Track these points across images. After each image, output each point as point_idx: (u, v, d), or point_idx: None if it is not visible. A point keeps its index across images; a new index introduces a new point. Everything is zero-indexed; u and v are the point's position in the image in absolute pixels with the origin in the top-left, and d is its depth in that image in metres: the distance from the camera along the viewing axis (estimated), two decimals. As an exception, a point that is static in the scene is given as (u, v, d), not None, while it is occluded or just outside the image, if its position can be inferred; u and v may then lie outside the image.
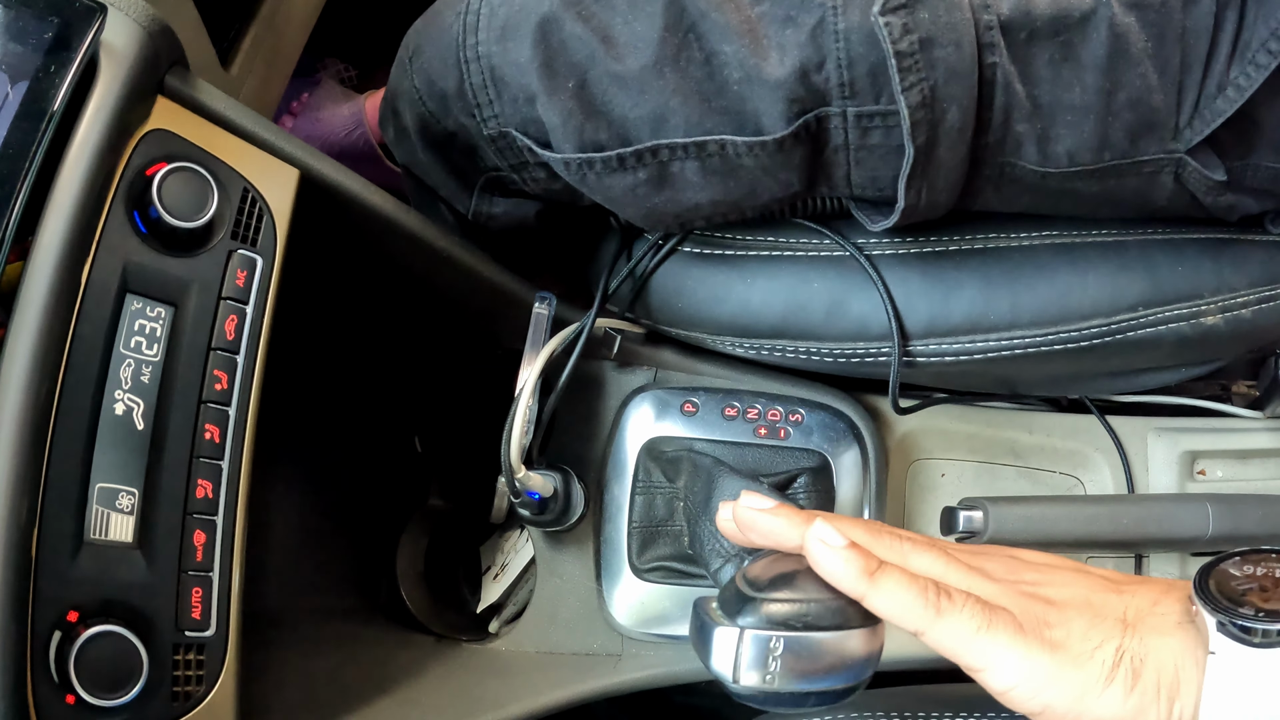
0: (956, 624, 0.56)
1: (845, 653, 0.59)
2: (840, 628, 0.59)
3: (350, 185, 0.77)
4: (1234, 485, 1.06)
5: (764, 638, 0.58)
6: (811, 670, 0.58)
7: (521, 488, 0.85)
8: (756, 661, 0.58)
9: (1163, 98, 0.75)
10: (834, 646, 0.59)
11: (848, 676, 0.59)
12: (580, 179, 0.77)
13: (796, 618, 0.59)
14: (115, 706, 0.61)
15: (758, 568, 0.63)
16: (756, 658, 0.58)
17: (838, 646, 0.59)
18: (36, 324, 0.59)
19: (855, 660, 0.59)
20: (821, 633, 0.59)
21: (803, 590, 0.60)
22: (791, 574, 0.62)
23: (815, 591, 0.60)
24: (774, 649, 0.58)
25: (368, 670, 0.87)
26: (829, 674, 0.59)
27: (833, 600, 0.60)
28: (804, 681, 0.58)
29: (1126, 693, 0.54)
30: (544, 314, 0.87)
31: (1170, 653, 0.55)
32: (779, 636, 0.58)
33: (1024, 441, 1.04)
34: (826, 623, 0.59)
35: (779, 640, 0.58)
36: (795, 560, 0.63)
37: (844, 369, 0.89)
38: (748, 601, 0.60)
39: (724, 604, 0.61)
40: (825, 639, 0.59)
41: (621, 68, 0.73)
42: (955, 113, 0.72)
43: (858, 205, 0.83)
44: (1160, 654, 0.55)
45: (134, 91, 0.65)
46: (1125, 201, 0.82)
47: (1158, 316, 0.85)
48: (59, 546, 0.60)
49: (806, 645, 0.58)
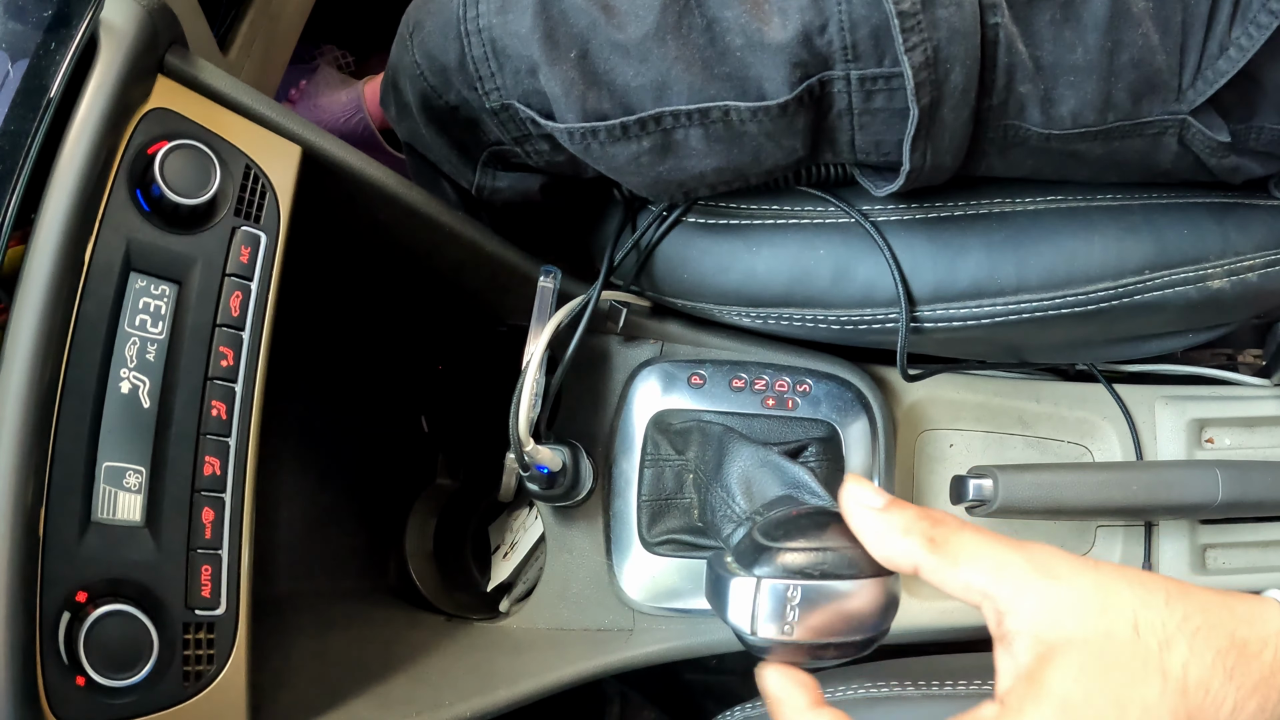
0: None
1: (864, 601, 0.58)
2: (858, 576, 0.58)
3: (352, 161, 0.77)
4: (1242, 453, 1.05)
5: (781, 586, 0.58)
6: (830, 620, 0.58)
7: (530, 462, 0.85)
8: (774, 612, 0.57)
9: (1165, 58, 0.75)
10: (852, 595, 0.58)
11: (867, 627, 0.59)
12: (584, 149, 0.77)
13: (814, 566, 0.58)
14: (126, 686, 0.61)
15: (774, 520, 0.63)
16: (774, 608, 0.57)
17: (856, 595, 0.58)
18: (40, 304, 0.58)
19: (874, 610, 0.59)
20: (840, 581, 0.58)
21: (819, 539, 0.59)
22: (808, 524, 0.61)
23: (832, 540, 0.59)
24: (791, 598, 0.57)
25: (378, 650, 0.87)
26: (848, 624, 0.58)
27: (850, 549, 0.59)
28: (823, 632, 0.58)
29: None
30: (549, 288, 0.87)
31: None
32: (796, 585, 0.57)
33: (1032, 410, 1.04)
34: (844, 571, 0.58)
35: (796, 589, 0.57)
36: (810, 513, 0.63)
37: (851, 337, 0.89)
38: (764, 551, 0.59)
39: (739, 556, 0.61)
40: (844, 587, 0.58)
41: (623, 36, 0.73)
42: (959, 73, 0.72)
43: (862, 171, 0.83)
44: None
45: (134, 70, 0.64)
46: (1129, 164, 0.82)
47: (1164, 280, 0.84)
48: (66, 527, 0.60)
49: (825, 594, 0.58)
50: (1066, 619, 0.54)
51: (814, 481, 0.77)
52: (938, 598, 0.98)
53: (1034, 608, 0.55)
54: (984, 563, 0.56)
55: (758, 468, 0.82)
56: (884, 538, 0.59)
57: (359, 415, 1.07)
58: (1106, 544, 1.03)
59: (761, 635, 0.58)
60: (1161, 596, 0.54)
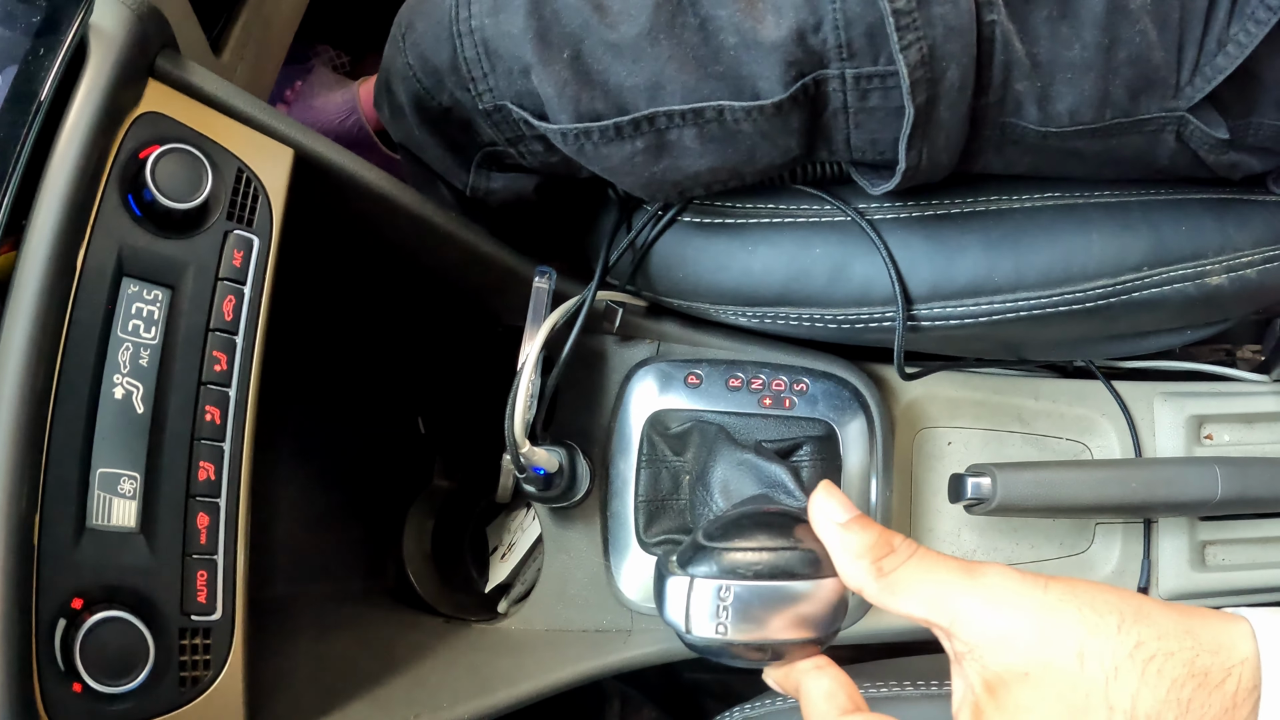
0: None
1: (801, 603, 0.58)
2: (795, 578, 0.59)
3: (345, 163, 0.77)
4: (1241, 449, 1.05)
5: (714, 586, 0.58)
6: (766, 620, 0.58)
7: (526, 463, 0.84)
8: (708, 611, 0.58)
9: (1163, 54, 0.75)
10: (787, 596, 0.58)
11: (809, 627, 0.59)
12: (578, 150, 0.77)
13: (748, 566, 0.58)
14: (122, 693, 0.61)
15: (720, 520, 0.63)
16: (707, 607, 0.58)
17: (792, 596, 0.58)
18: (32, 311, 0.58)
19: (816, 611, 0.59)
20: (775, 582, 0.58)
21: (758, 540, 0.60)
22: (749, 525, 0.61)
23: (771, 541, 0.59)
24: (724, 598, 0.58)
25: (376, 652, 0.87)
26: (786, 624, 0.58)
27: (790, 550, 0.59)
28: (758, 632, 0.58)
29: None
30: (544, 288, 0.87)
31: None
32: (728, 585, 0.58)
33: (1030, 408, 1.04)
34: (781, 572, 0.58)
35: (728, 589, 0.58)
36: (751, 513, 0.63)
37: (848, 335, 0.88)
38: (701, 550, 0.60)
39: (681, 554, 0.61)
40: (778, 588, 0.58)
41: (616, 36, 0.72)
42: (955, 71, 0.71)
43: (858, 169, 0.83)
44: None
45: (124, 74, 0.64)
46: (1127, 161, 0.82)
47: (1163, 276, 0.84)
48: (61, 533, 0.60)
49: (758, 594, 0.58)
50: (1009, 650, 0.54)
51: (791, 481, 0.77)
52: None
53: (977, 638, 0.55)
54: (923, 593, 0.57)
55: (735, 467, 0.83)
56: (839, 556, 0.59)
57: (355, 418, 1.06)
58: (1105, 541, 1.03)
59: (696, 633, 0.58)
60: (1114, 621, 0.53)
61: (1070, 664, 0.53)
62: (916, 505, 1.01)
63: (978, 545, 1.02)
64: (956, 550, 1.02)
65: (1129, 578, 1.03)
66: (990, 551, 1.02)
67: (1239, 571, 1.04)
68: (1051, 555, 1.03)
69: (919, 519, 1.01)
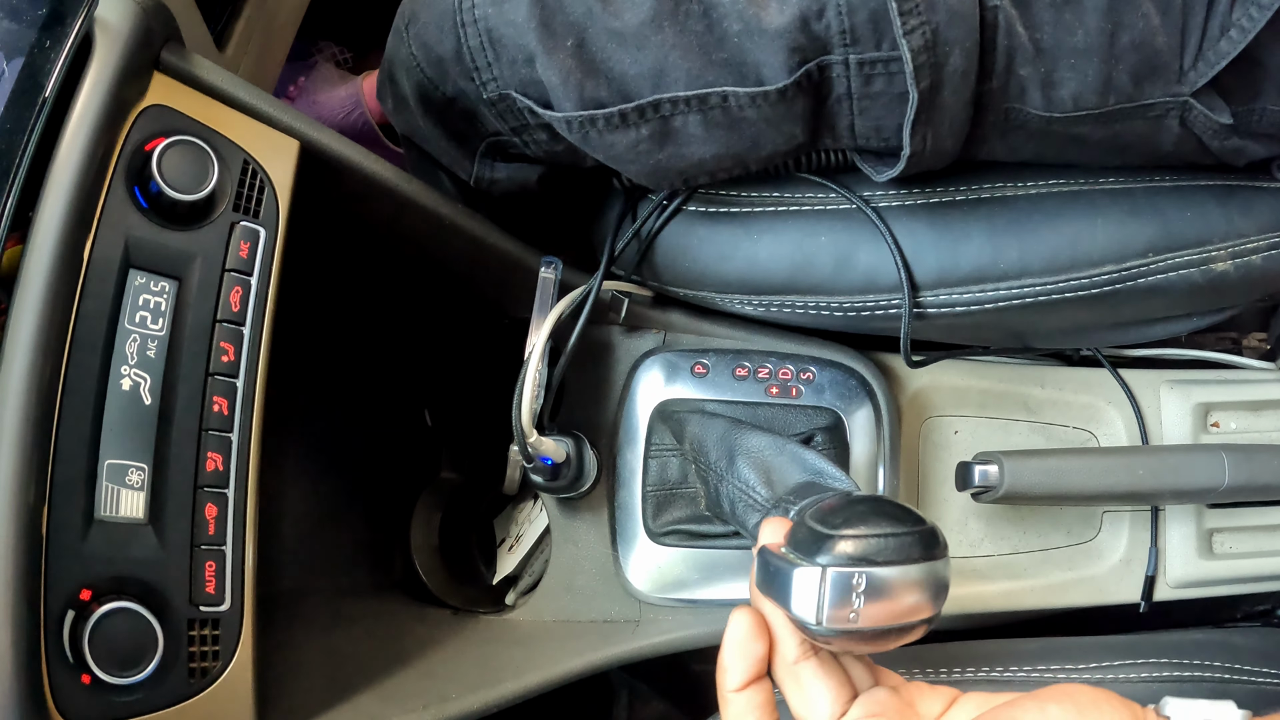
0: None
1: (924, 586, 0.58)
2: (919, 560, 0.58)
3: (350, 155, 0.77)
4: (1248, 437, 1.05)
5: (847, 574, 0.56)
6: (894, 606, 0.57)
7: (534, 453, 0.84)
8: (840, 600, 0.57)
9: (1166, 39, 0.75)
10: (914, 580, 0.57)
11: (926, 612, 0.58)
12: (582, 138, 0.77)
13: (877, 553, 0.58)
14: (131, 684, 0.61)
15: (826, 508, 0.62)
16: (840, 597, 0.57)
17: (918, 580, 0.58)
18: (39, 303, 0.58)
19: (933, 594, 0.58)
20: (903, 566, 0.58)
21: (878, 525, 0.59)
22: (864, 510, 0.60)
23: (890, 526, 0.59)
24: (857, 585, 0.57)
25: (385, 644, 0.87)
26: (910, 609, 0.58)
27: (909, 534, 0.58)
28: (887, 618, 0.57)
29: None
30: (550, 278, 0.87)
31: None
32: (861, 573, 0.57)
33: (1036, 396, 1.04)
34: (904, 557, 0.58)
35: (861, 576, 0.57)
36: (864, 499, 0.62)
37: (854, 324, 0.88)
38: (825, 539, 0.58)
39: (798, 545, 0.60)
40: (907, 573, 0.57)
41: (620, 24, 0.72)
42: (958, 56, 0.71)
43: (862, 156, 0.83)
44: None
45: (130, 67, 0.64)
46: (1131, 147, 0.82)
47: (1168, 263, 0.84)
48: (69, 525, 0.60)
49: (890, 580, 0.57)
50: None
51: (832, 466, 0.77)
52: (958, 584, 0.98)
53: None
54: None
55: (776, 455, 0.82)
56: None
57: (362, 410, 1.06)
58: (1113, 530, 1.03)
59: (829, 625, 0.57)
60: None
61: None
62: (923, 494, 1.01)
63: (985, 534, 1.02)
64: (963, 539, 1.02)
65: (1136, 565, 1.03)
66: (997, 540, 1.02)
67: (1246, 559, 1.04)
68: (1059, 543, 1.03)
69: (926, 508, 1.01)
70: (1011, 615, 1.01)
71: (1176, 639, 0.95)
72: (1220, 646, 0.91)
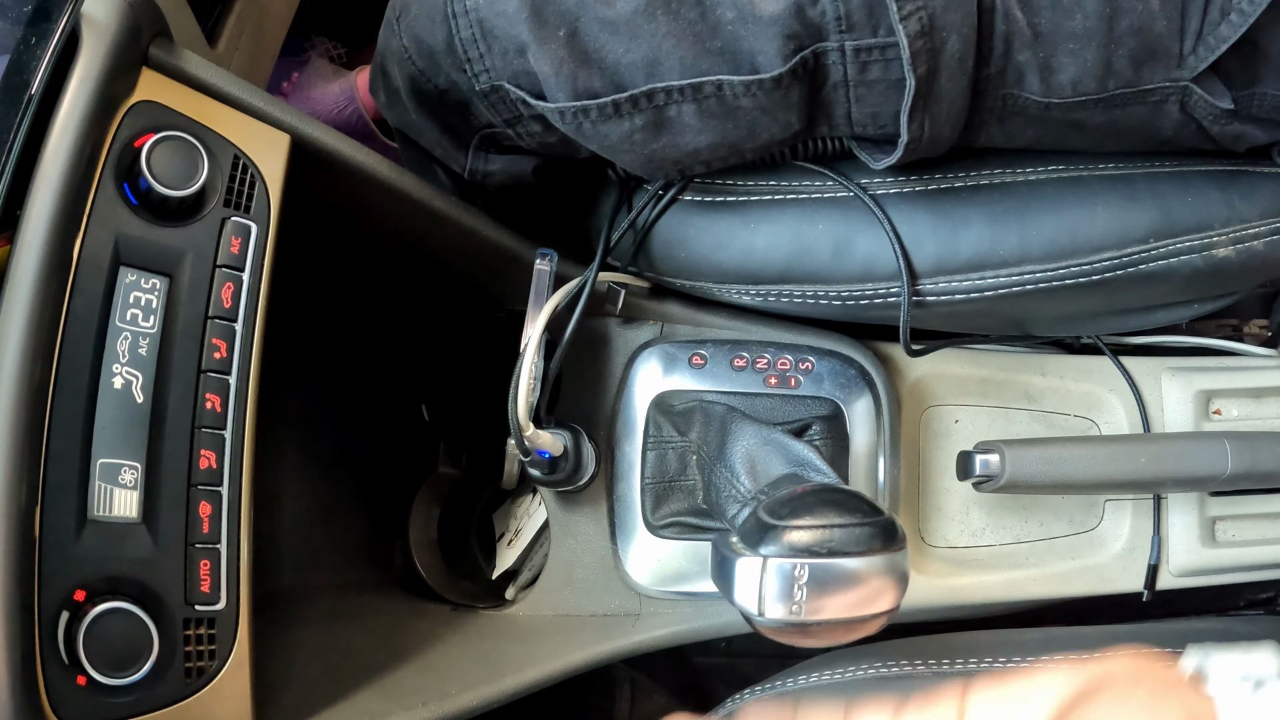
0: None
1: (872, 579, 0.57)
2: (867, 553, 0.57)
3: (342, 148, 0.76)
4: (1250, 424, 1.05)
5: (788, 565, 0.57)
6: (839, 599, 0.57)
7: (531, 446, 0.84)
8: (782, 592, 0.57)
9: (1165, 24, 0.75)
10: (861, 573, 0.57)
11: (876, 605, 0.58)
12: (576, 128, 0.76)
13: (820, 544, 0.57)
14: (127, 684, 0.61)
15: (779, 498, 0.62)
16: (782, 588, 0.57)
17: (865, 572, 0.57)
18: (29, 302, 0.58)
19: (883, 587, 0.58)
20: (848, 559, 0.57)
21: (826, 516, 0.58)
22: (814, 501, 0.60)
23: (839, 517, 0.58)
24: (799, 577, 0.56)
25: (384, 641, 0.87)
26: (857, 602, 0.57)
27: (857, 526, 0.58)
28: (832, 611, 0.57)
29: None
30: (546, 270, 0.86)
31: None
32: (803, 564, 0.56)
33: (1037, 384, 1.03)
34: (852, 548, 0.57)
35: (804, 568, 0.56)
36: (815, 490, 0.62)
37: (852, 312, 0.88)
38: (769, 530, 0.58)
39: (745, 535, 0.60)
40: (852, 565, 0.57)
41: (612, 13, 0.72)
42: (955, 41, 0.71)
43: (859, 144, 0.82)
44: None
45: (117, 63, 0.64)
46: (1131, 132, 0.81)
47: (1169, 248, 0.84)
48: (63, 525, 0.60)
49: (833, 572, 0.57)
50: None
51: (819, 459, 0.76)
52: (947, 575, 0.97)
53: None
54: None
55: (761, 446, 0.81)
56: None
57: (359, 406, 1.06)
58: (1115, 518, 1.03)
59: (769, 616, 0.57)
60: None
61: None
62: (924, 484, 1.01)
63: (986, 524, 1.01)
64: (965, 529, 1.01)
65: (1139, 554, 1.02)
66: (999, 529, 1.01)
67: (1249, 547, 1.04)
68: (1061, 533, 1.02)
69: (927, 498, 1.01)
70: (1014, 605, 1.01)
71: (1180, 627, 0.95)
72: (1224, 634, 0.91)
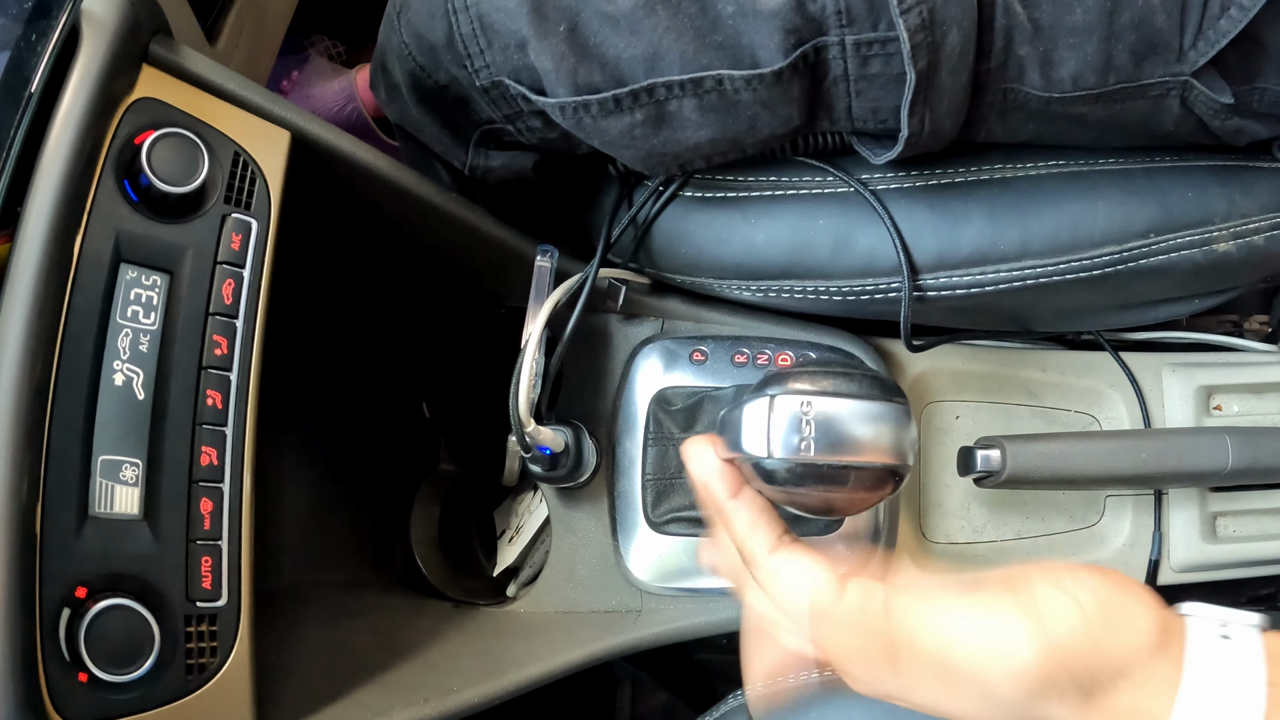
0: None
1: (881, 420, 0.57)
2: (869, 398, 0.57)
3: (342, 145, 0.77)
4: (1251, 420, 1.05)
5: (795, 400, 0.57)
6: (849, 437, 0.57)
7: (532, 443, 0.84)
8: (790, 427, 0.56)
9: (1166, 18, 0.75)
10: (868, 411, 0.57)
11: (888, 451, 0.57)
12: (576, 123, 0.76)
13: (828, 384, 0.57)
14: (129, 681, 0.61)
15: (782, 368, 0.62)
16: (790, 424, 0.56)
17: (872, 412, 0.57)
18: (29, 299, 0.58)
19: (892, 431, 0.58)
20: (855, 400, 0.57)
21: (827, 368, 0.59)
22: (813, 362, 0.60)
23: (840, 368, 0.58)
24: (806, 412, 0.56)
25: (385, 638, 0.87)
26: (868, 444, 0.57)
27: (863, 375, 0.58)
28: (842, 449, 0.57)
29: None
30: (546, 267, 0.86)
31: None
32: (809, 399, 0.57)
33: (1038, 380, 1.04)
34: (859, 392, 0.57)
35: (809, 403, 0.56)
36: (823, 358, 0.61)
37: (853, 308, 0.88)
38: (773, 379, 0.58)
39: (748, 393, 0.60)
40: (857, 405, 0.57)
41: (613, 8, 0.72)
42: (956, 35, 0.71)
43: (860, 139, 0.82)
44: None
45: (117, 60, 0.64)
46: (1131, 127, 0.81)
47: (1170, 243, 0.84)
48: (64, 522, 0.60)
49: (839, 409, 0.57)
50: None
51: None
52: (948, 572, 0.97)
53: None
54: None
55: None
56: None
57: (359, 404, 1.06)
58: (1116, 514, 1.03)
59: (780, 455, 0.57)
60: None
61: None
62: (925, 480, 1.01)
63: (987, 519, 1.02)
64: (966, 525, 1.01)
65: (1140, 550, 1.02)
66: (1000, 525, 1.01)
67: (1250, 543, 1.04)
68: (1062, 528, 1.02)
69: (928, 494, 1.01)
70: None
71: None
72: (1225, 630, 0.91)
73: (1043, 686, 0.50)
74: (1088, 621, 0.50)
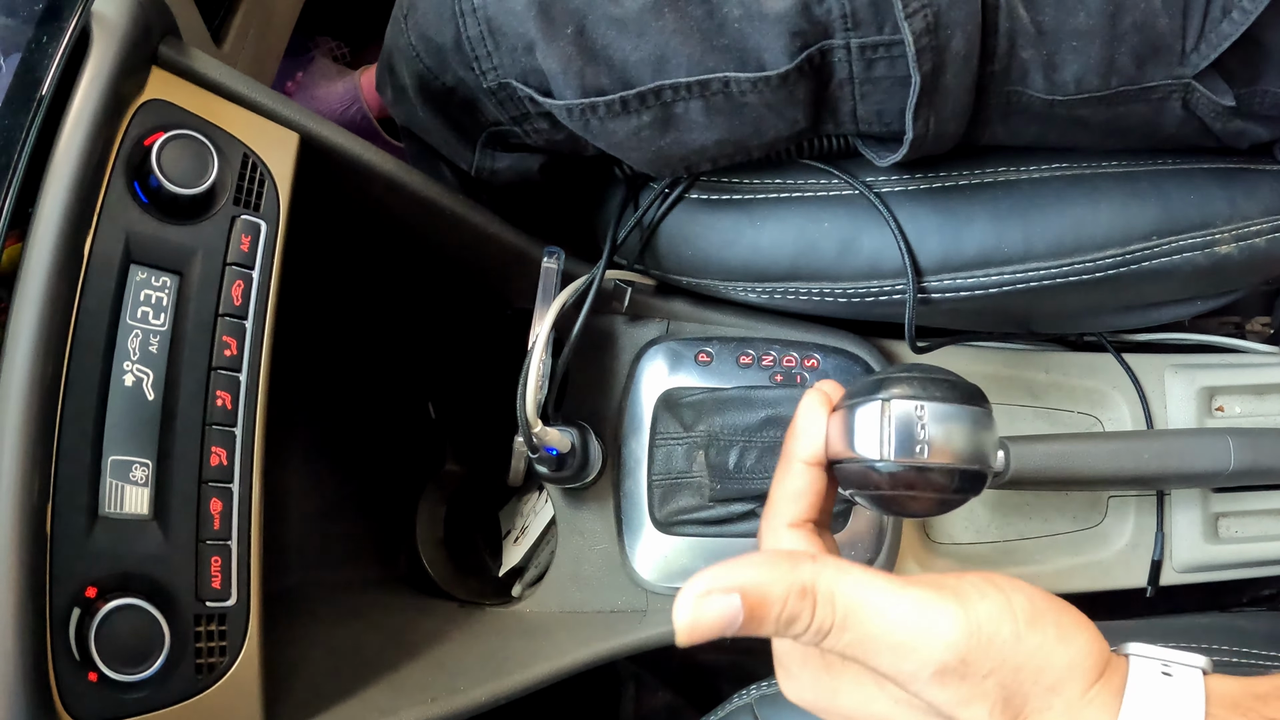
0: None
1: (983, 426, 0.58)
2: (970, 403, 0.58)
3: (350, 147, 0.77)
4: (1253, 421, 1.05)
5: (909, 405, 0.57)
6: (958, 441, 0.57)
7: (538, 444, 0.84)
8: (905, 432, 0.57)
9: (1168, 21, 0.75)
10: (973, 415, 0.58)
11: (986, 455, 0.58)
12: (583, 125, 0.77)
13: (938, 387, 0.58)
14: (139, 681, 0.61)
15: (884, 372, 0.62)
16: (904, 428, 0.57)
17: (976, 416, 0.58)
18: (40, 301, 0.58)
19: (991, 437, 0.59)
20: (964, 404, 0.58)
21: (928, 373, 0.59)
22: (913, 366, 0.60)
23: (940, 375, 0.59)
24: (920, 417, 0.57)
25: (392, 638, 0.87)
26: (972, 447, 0.58)
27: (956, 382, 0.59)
28: (952, 455, 0.57)
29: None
30: (553, 268, 0.86)
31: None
32: (922, 404, 0.57)
33: (1041, 381, 1.04)
34: (966, 396, 0.58)
35: (923, 408, 0.57)
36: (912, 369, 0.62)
37: (858, 310, 0.88)
38: (882, 383, 0.59)
39: (855, 395, 0.60)
40: (968, 408, 0.58)
41: (620, 10, 0.72)
42: (960, 38, 0.71)
43: (865, 142, 0.82)
44: None
45: (128, 62, 0.64)
46: (1134, 130, 0.81)
47: (1172, 245, 0.84)
48: (74, 522, 0.60)
49: (953, 414, 0.57)
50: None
51: None
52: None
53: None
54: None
55: None
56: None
57: (366, 404, 1.06)
58: (1118, 515, 1.03)
59: (896, 458, 0.57)
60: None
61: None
62: (929, 481, 1.01)
63: (990, 520, 1.02)
64: (969, 526, 1.02)
65: (1143, 550, 1.03)
66: (1003, 526, 1.02)
67: (1252, 543, 1.04)
68: (1064, 529, 1.02)
69: (931, 494, 1.01)
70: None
71: (1184, 623, 0.95)
72: (1228, 630, 0.91)
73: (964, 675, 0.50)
74: (1014, 619, 0.50)
